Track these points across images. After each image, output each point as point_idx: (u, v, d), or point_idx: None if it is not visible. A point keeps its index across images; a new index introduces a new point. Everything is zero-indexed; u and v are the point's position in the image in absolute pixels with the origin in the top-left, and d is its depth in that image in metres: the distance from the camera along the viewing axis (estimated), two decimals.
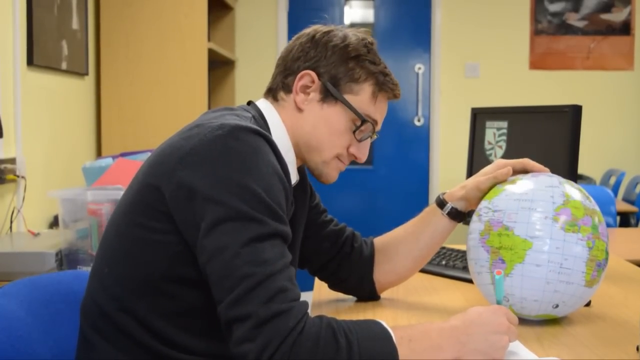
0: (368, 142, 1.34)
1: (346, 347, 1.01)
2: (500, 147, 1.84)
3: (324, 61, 1.30)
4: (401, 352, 1.03)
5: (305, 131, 1.30)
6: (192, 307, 1.16)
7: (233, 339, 1.03)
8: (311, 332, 1.02)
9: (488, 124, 1.89)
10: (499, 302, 1.16)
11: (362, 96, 1.30)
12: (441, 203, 1.40)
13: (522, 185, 1.27)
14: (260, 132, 1.14)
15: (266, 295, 1.02)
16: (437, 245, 1.45)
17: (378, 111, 1.33)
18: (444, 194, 1.41)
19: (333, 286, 1.52)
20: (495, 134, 1.87)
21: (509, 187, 1.28)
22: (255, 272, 1.03)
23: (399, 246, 1.47)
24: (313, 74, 1.29)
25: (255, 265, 1.04)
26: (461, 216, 1.40)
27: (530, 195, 1.24)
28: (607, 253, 1.25)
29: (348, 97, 1.29)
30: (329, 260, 1.48)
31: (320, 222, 1.48)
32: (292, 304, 1.03)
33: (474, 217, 1.29)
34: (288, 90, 1.31)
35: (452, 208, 1.39)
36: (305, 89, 1.30)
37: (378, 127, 1.34)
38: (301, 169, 1.40)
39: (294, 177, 1.32)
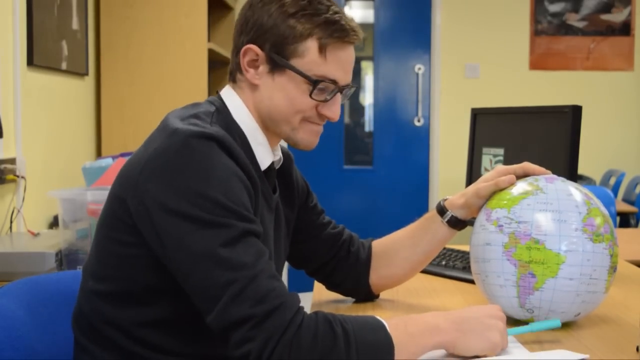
0: (337, 99, 1.24)
1: (343, 335, 1.03)
2: None
3: (263, 29, 1.20)
4: (398, 336, 1.05)
5: (265, 105, 1.23)
6: (176, 313, 1.16)
7: (232, 344, 1.04)
8: (309, 325, 1.03)
9: (485, 150, 1.88)
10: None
11: (309, 56, 1.19)
12: (441, 210, 1.37)
13: (543, 193, 1.23)
14: (212, 136, 1.10)
15: (256, 296, 1.03)
16: (435, 252, 1.43)
17: (333, 66, 1.21)
18: (445, 200, 1.39)
19: (329, 287, 1.51)
20: (491, 160, 1.86)
21: (530, 196, 1.23)
22: (237, 277, 1.03)
23: (397, 252, 1.45)
24: (254, 47, 1.21)
25: (236, 270, 1.04)
26: (461, 224, 1.37)
27: (556, 205, 1.21)
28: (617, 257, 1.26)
29: (295, 61, 1.19)
30: (326, 263, 1.46)
31: (319, 224, 1.47)
32: (284, 299, 1.05)
33: (491, 227, 1.24)
34: (241, 69, 1.24)
35: (452, 216, 1.36)
36: (253, 64, 1.23)
37: (343, 82, 1.23)
38: (286, 159, 1.39)
39: (269, 158, 1.27)
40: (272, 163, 1.29)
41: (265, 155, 1.26)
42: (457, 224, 1.37)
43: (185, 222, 1.06)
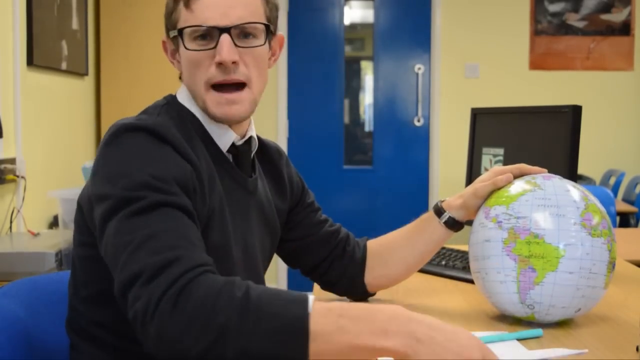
0: (222, 42, 1.17)
1: (242, 299, 0.89)
2: None
3: (165, 22, 1.25)
4: (322, 322, 0.87)
5: (187, 85, 1.25)
6: None
7: (127, 307, 0.95)
8: (206, 282, 0.92)
9: (484, 149, 1.89)
10: None
11: (182, 18, 1.20)
12: (439, 211, 1.37)
13: (541, 190, 1.24)
14: (142, 126, 1.10)
15: (151, 250, 0.95)
16: (432, 253, 1.43)
17: (200, 13, 1.18)
18: (442, 201, 1.38)
19: (324, 287, 1.50)
20: (491, 160, 1.86)
21: (528, 192, 1.24)
22: (136, 236, 0.98)
23: (393, 252, 1.44)
24: (164, 39, 1.28)
25: (137, 232, 0.98)
26: (458, 225, 1.37)
27: (554, 200, 1.22)
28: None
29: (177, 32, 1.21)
30: (321, 262, 1.45)
31: (315, 222, 1.46)
32: (182, 254, 0.95)
33: (490, 224, 1.25)
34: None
35: (450, 217, 1.36)
36: (173, 55, 1.28)
37: (218, 23, 1.17)
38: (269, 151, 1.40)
39: (229, 139, 1.25)
40: (247, 144, 1.29)
41: (223, 136, 1.25)
42: (455, 225, 1.37)
43: (105, 203, 1.04)
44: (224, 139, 1.25)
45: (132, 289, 0.94)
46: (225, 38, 1.17)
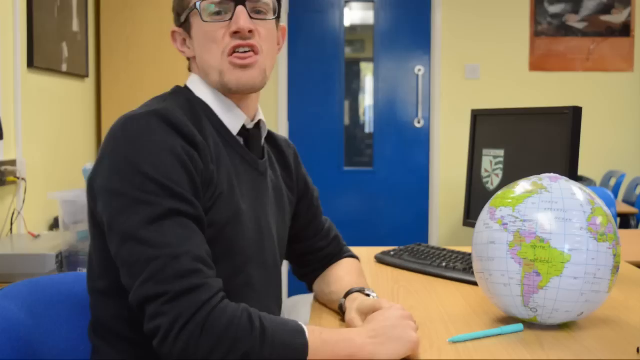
0: (238, 13, 1.24)
1: (260, 329, 1.02)
2: (497, 175, 1.84)
3: (174, 10, 1.33)
4: (312, 340, 1.05)
5: (201, 66, 1.29)
6: None
7: (146, 317, 1.03)
8: (227, 310, 1.03)
9: (485, 151, 1.89)
10: None
11: None
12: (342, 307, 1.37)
13: (548, 192, 1.24)
14: (151, 112, 1.14)
15: (175, 274, 1.03)
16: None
17: None
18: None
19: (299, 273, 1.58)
20: (492, 162, 1.86)
21: (534, 195, 1.24)
22: (159, 254, 1.04)
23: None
24: (173, 28, 1.33)
25: (158, 248, 1.04)
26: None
27: (561, 204, 1.21)
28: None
29: (188, 9, 1.28)
30: (306, 254, 1.54)
31: (308, 233, 1.52)
32: (205, 281, 1.04)
33: (495, 226, 1.24)
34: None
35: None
36: (183, 44, 1.33)
37: None
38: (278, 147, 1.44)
39: (240, 121, 1.29)
40: (257, 129, 1.33)
41: (234, 118, 1.29)
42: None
43: (115, 200, 1.08)
44: (235, 121, 1.29)
45: (152, 304, 1.02)
46: (241, 9, 1.24)
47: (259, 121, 1.34)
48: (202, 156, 1.16)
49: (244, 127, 1.30)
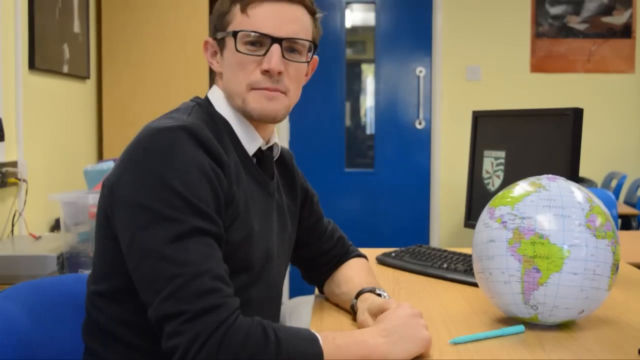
0: (273, 52, 1.24)
1: (275, 342, 1.04)
2: (498, 176, 1.84)
3: (211, 21, 1.33)
4: (326, 347, 1.07)
5: (226, 86, 1.29)
6: None
7: (164, 335, 1.05)
8: (242, 326, 1.04)
9: (486, 153, 1.89)
10: None
11: (235, 20, 1.26)
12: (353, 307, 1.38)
13: (546, 191, 1.24)
14: (178, 127, 1.13)
15: (196, 292, 1.04)
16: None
17: (257, 20, 1.25)
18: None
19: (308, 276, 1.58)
20: (493, 163, 1.86)
21: (532, 193, 1.25)
22: (182, 272, 1.05)
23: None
24: (208, 38, 1.32)
25: (181, 266, 1.05)
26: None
27: (559, 202, 1.22)
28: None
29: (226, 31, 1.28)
30: (314, 257, 1.54)
31: (312, 239, 1.52)
32: (224, 300, 1.06)
33: (495, 224, 1.25)
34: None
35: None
36: (213, 56, 1.33)
37: (273, 32, 1.24)
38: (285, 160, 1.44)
39: (256, 143, 1.30)
40: (270, 150, 1.35)
41: (251, 140, 1.30)
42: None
43: (140, 214, 1.08)
44: (252, 143, 1.30)
45: (172, 323, 1.04)
46: (276, 48, 1.24)
47: (274, 143, 1.36)
48: (226, 175, 1.17)
49: (259, 148, 1.32)
